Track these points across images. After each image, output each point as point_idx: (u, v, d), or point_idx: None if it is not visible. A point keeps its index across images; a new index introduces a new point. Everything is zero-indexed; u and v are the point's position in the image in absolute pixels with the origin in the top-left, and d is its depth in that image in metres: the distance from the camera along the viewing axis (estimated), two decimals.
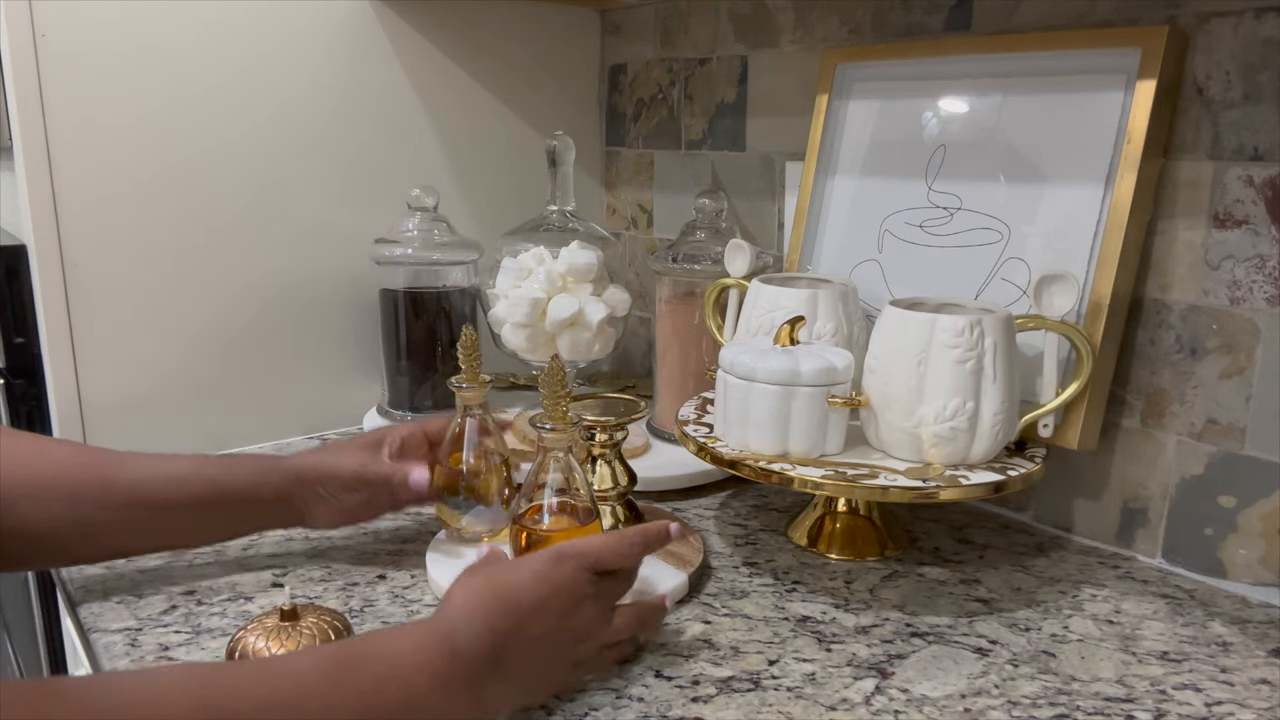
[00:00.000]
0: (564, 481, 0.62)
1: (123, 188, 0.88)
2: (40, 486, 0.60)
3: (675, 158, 1.12)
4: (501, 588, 0.51)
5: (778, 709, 0.54)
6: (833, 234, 0.89)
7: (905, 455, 0.68)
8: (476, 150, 1.11)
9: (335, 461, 0.67)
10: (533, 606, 0.51)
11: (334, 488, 0.67)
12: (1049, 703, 0.55)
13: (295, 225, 0.98)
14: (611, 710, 0.54)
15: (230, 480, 0.65)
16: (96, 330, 0.88)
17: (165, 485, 0.63)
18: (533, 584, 0.52)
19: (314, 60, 0.97)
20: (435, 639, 0.48)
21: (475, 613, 0.49)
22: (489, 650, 0.49)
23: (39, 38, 0.82)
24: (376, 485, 0.67)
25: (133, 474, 0.63)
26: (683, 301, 0.91)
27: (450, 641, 0.48)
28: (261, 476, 0.66)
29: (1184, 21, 0.68)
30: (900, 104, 0.84)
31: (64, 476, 0.61)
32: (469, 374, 0.70)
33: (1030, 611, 0.66)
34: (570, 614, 0.53)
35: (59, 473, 0.61)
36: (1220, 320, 0.69)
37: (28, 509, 0.59)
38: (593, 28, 1.19)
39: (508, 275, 0.93)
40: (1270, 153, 0.65)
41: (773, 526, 0.80)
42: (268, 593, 0.67)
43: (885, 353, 0.68)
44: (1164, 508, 0.73)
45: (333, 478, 0.67)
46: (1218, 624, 0.65)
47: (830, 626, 0.64)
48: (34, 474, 0.60)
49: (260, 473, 0.66)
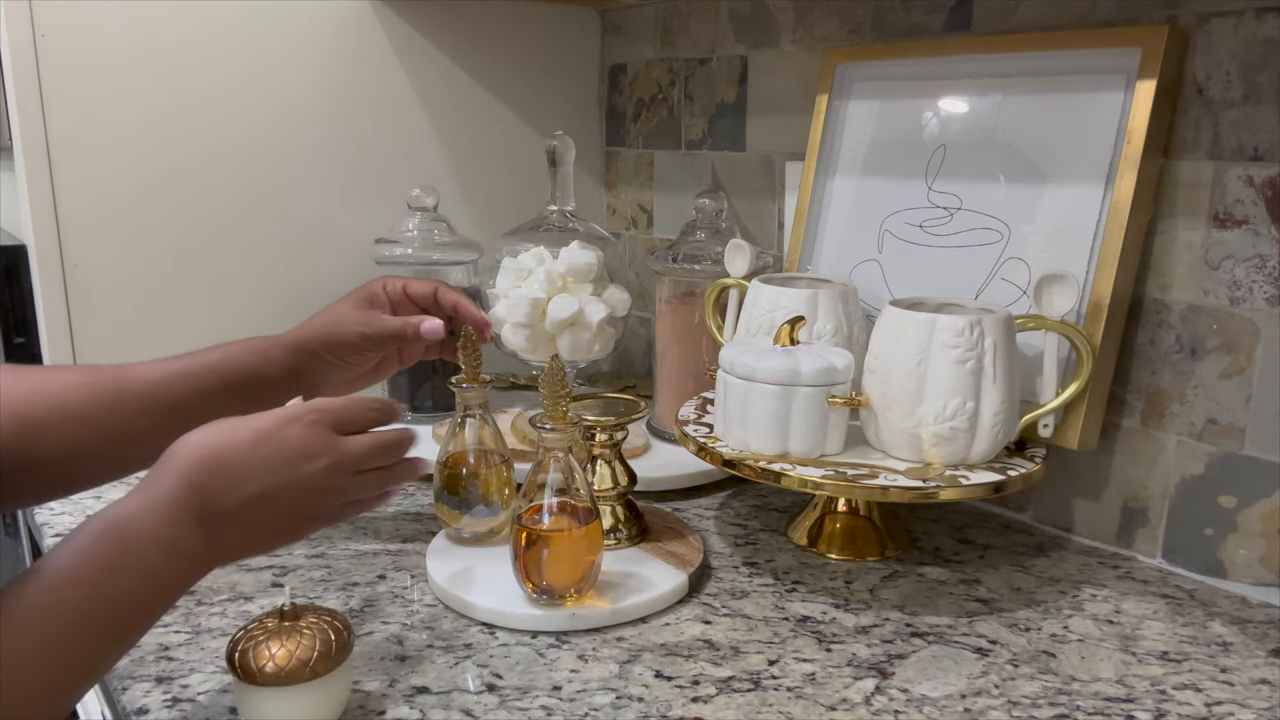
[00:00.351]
0: (564, 481, 0.62)
1: (123, 188, 0.88)
2: (48, 414, 0.59)
3: (675, 158, 1.12)
4: (215, 448, 0.51)
5: (778, 709, 0.54)
6: (833, 234, 0.89)
7: (905, 455, 0.68)
8: (476, 150, 1.11)
9: (339, 326, 0.67)
10: (246, 464, 0.51)
11: (343, 351, 0.67)
12: (1049, 703, 0.55)
13: (295, 225, 0.98)
14: (611, 710, 0.54)
15: (234, 365, 0.65)
16: (96, 330, 0.88)
17: (171, 384, 0.63)
18: (251, 442, 0.52)
19: (314, 60, 0.97)
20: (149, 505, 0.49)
21: (180, 473, 0.50)
22: (195, 510, 0.49)
23: (39, 38, 0.82)
24: (386, 343, 0.68)
25: (137, 383, 0.62)
26: (683, 301, 0.91)
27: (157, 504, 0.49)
28: (263, 355, 0.66)
29: (1184, 21, 0.68)
30: (900, 104, 0.84)
31: (69, 401, 0.60)
32: (469, 374, 0.70)
33: (1030, 611, 0.66)
34: (296, 469, 0.52)
35: (63, 399, 0.60)
36: (1220, 320, 0.69)
37: (40, 439, 0.59)
38: (593, 28, 1.19)
39: (508, 275, 0.93)
40: (1270, 153, 0.65)
41: (773, 526, 0.80)
42: (268, 593, 0.67)
43: (885, 353, 0.68)
44: (1164, 508, 0.73)
45: (341, 344, 0.67)
46: (1218, 624, 0.65)
47: (830, 626, 0.64)
48: (39, 403, 0.59)
49: (259, 352, 0.66)
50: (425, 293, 0.73)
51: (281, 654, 0.49)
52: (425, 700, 0.55)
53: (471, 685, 0.56)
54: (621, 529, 0.72)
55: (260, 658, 0.48)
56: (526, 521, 0.62)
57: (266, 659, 0.48)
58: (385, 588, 0.68)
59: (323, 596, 0.67)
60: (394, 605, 0.66)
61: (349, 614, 0.64)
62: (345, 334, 0.67)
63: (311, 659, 0.49)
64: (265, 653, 0.49)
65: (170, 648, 0.60)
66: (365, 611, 0.65)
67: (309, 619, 0.51)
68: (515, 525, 0.62)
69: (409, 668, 0.58)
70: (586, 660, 0.59)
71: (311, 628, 0.50)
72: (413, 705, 0.54)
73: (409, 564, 0.72)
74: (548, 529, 0.61)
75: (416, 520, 0.80)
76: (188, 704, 0.54)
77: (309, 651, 0.49)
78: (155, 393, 0.62)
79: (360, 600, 0.66)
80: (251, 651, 0.49)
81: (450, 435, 0.72)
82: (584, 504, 0.62)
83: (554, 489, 0.62)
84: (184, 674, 0.57)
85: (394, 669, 0.58)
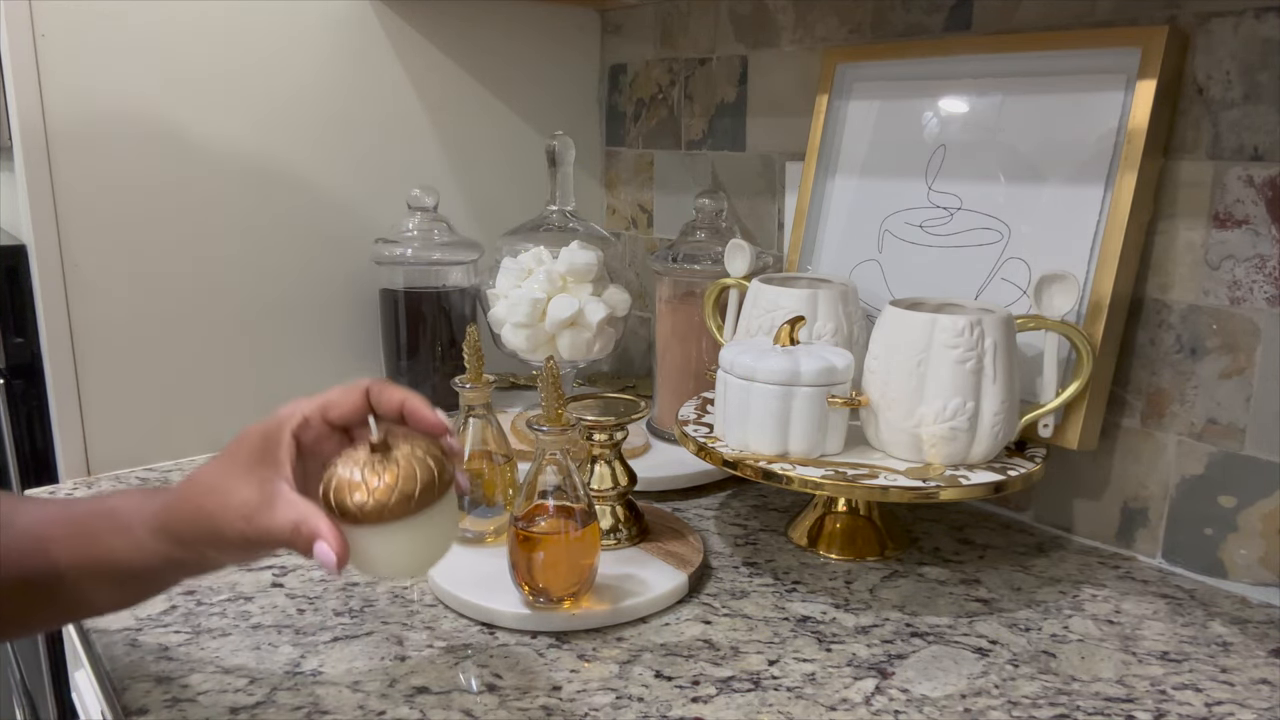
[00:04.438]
0: (561, 483, 0.62)
1: (123, 188, 0.88)
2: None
3: (675, 158, 1.12)
4: None
5: (778, 709, 0.54)
6: (833, 234, 0.89)
7: (905, 455, 0.68)
8: (476, 150, 1.11)
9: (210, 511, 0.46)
10: None
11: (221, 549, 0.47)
12: (1049, 703, 0.55)
13: (295, 225, 0.98)
14: (611, 710, 0.54)
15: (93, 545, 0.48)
16: (96, 330, 0.88)
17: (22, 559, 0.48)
18: None
19: (314, 60, 0.97)
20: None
21: None
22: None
23: (39, 38, 0.82)
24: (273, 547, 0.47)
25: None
26: (683, 301, 0.91)
27: None
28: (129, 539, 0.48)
29: (1184, 21, 0.68)
30: (900, 104, 0.84)
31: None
32: (473, 374, 0.70)
33: (1030, 611, 0.66)
34: None
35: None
36: (1220, 320, 0.69)
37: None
38: (593, 28, 1.19)
39: (508, 275, 0.93)
40: (1270, 153, 0.65)
41: (773, 526, 0.80)
42: (268, 593, 0.67)
43: (885, 353, 0.68)
44: (1164, 508, 0.73)
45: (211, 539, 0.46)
46: (1218, 624, 0.65)
47: (830, 626, 0.64)
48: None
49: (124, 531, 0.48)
50: (349, 409, 0.49)
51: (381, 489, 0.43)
52: (425, 700, 0.55)
53: (472, 685, 0.56)
54: (621, 529, 0.72)
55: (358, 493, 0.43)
56: (523, 524, 0.62)
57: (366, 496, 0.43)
58: (385, 588, 0.68)
59: (323, 596, 0.67)
60: (394, 605, 0.66)
61: (349, 614, 0.64)
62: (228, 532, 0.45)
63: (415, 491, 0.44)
64: (364, 489, 0.43)
65: (170, 648, 0.60)
66: (365, 612, 0.65)
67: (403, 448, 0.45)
68: (512, 527, 0.62)
69: (409, 668, 0.58)
70: (586, 660, 0.59)
71: (406, 457, 0.45)
72: (413, 705, 0.54)
73: None
74: (544, 532, 0.61)
75: None
76: (188, 704, 0.54)
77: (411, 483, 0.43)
78: None
79: (360, 600, 0.66)
80: (347, 488, 0.44)
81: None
82: (581, 505, 0.62)
83: (551, 490, 0.62)
84: (184, 674, 0.57)
85: (394, 669, 0.58)
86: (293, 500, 0.45)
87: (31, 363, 0.90)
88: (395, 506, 0.44)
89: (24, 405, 0.92)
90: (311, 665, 0.58)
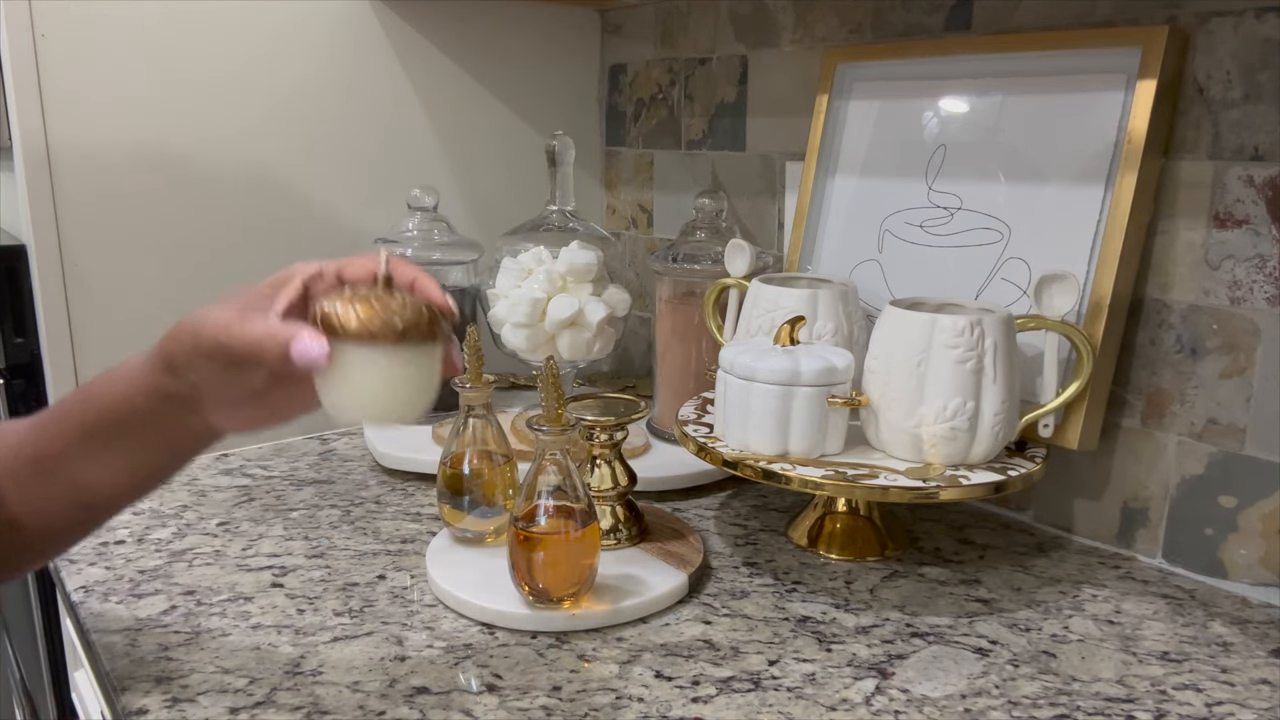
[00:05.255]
0: (561, 484, 0.62)
1: (123, 188, 0.88)
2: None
3: (675, 158, 1.12)
4: None
5: (778, 709, 0.54)
6: (833, 234, 0.89)
7: (905, 455, 0.68)
8: (476, 150, 1.11)
9: (197, 325, 0.48)
10: None
11: (203, 367, 0.48)
12: (1049, 703, 0.55)
13: (295, 225, 0.98)
14: (611, 710, 0.54)
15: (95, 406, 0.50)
16: (96, 330, 0.88)
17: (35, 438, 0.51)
18: None
19: (314, 61, 0.97)
20: None
21: None
22: None
23: (39, 38, 0.82)
24: (244, 361, 0.47)
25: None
26: (683, 301, 0.91)
27: None
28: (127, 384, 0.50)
29: (1184, 21, 0.68)
30: (900, 104, 0.84)
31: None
32: (473, 374, 0.70)
33: (1030, 612, 0.66)
34: None
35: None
36: (1220, 320, 0.69)
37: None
38: (593, 28, 1.19)
39: (508, 275, 0.93)
40: (1270, 153, 0.65)
41: (773, 526, 0.80)
42: (268, 593, 0.67)
43: (885, 353, 0.68)
44: (1164, 508, 0.73)
45: (194, 350, 0.47)
46: (1218, 624, 0.65)
47: (830, 627, 0.64)
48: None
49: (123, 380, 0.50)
50: (365, 271, 0.51)
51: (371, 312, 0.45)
52: (425, 700, 0.55)
53: (472, 685, 0.56)
54: (621, 529, 0.72)
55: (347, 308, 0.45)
56: (522, 524, 0.62)
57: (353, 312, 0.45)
58: (385, 588, 0.68)
59: (323, 596, 0.67)
60: (394, 605, 0.66)
61: (349, 614, 0.64)
62: (200, 337, 0.47)
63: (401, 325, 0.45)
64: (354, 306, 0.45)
65: (170, 648, 0.60)
66: (365, 612, 0.65)
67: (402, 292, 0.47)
68: (512, 528, 0.62)
69: (409, 668, 0.58)
70: (586, 660, 0.59)
71: (402, 298, 0.46)
72: (413, 705, 0.54)
73: (409, 564, 0.72)
74: (544, 531, 0.61)
75: (416, 520, 0.80)
76: (187, 704, 0.54)
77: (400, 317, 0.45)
78: (19, 448, 0.51)
79: (360, 600, 0.66)
80: (339, 303, 0.45)
81: (453, 435, 0.72)
82: (581, 505, 0.62)
83: (551, 490, 0.62)
84: (184, 674, 0.57)
85: (394, 669, 0.58)
86: (271, 318, 0.47)
87: (31, 363, 0.90)
88: (381, 330, 0.45)
89: (24, 405, 0.92)
90: (311, 665, 0.58)
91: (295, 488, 0.86)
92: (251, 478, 0.89)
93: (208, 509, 0.81)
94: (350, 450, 0.97)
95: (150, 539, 0.75)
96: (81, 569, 0.70)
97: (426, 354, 0.47)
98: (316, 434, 1.01)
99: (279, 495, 0.85)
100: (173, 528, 0.78)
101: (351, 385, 0.47)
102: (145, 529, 0.77)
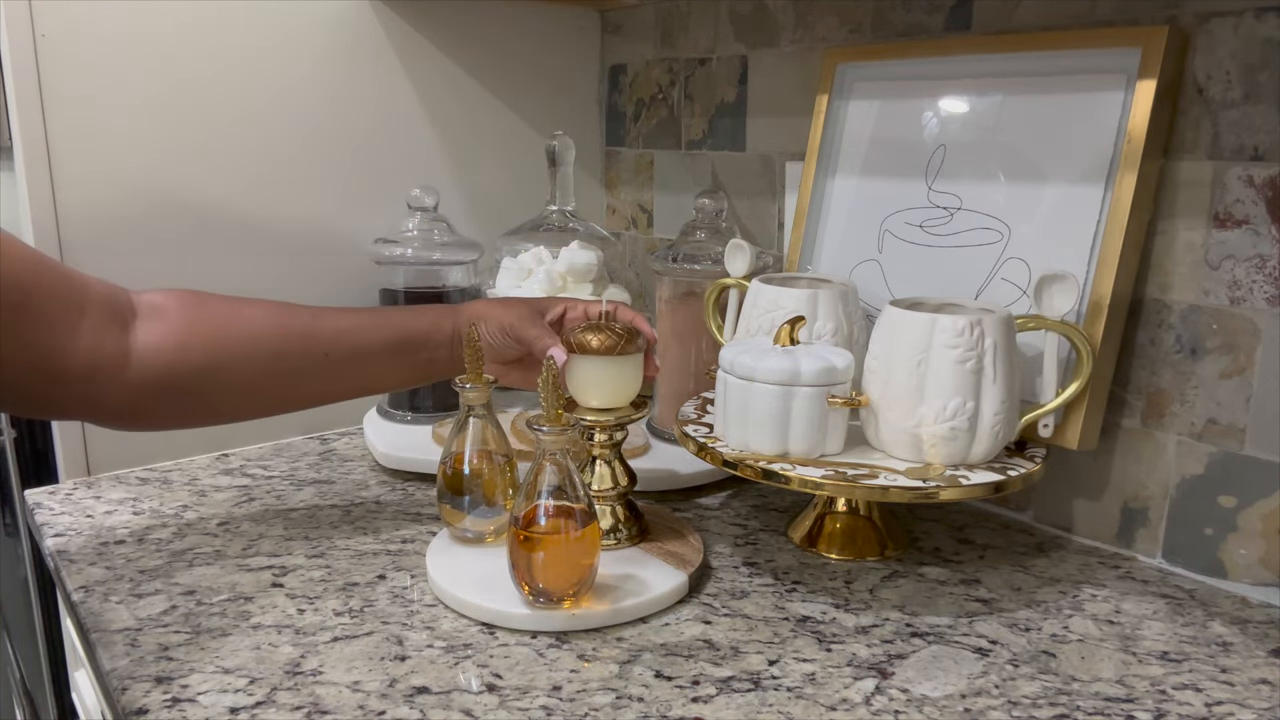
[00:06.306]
0: (561, 483, 0.62)
1: (123, 188, 0.88)
2: (240, 347, 0.66)
3: (675, 158, 1.12)
4: None
5: (778, 709, 0.54)
6: (833, 234, 0.89)
7: (905, 455, 0.68)
8: (476, 151, 1.11)
9: (498, 311, 0.73)
10: None
11: (493, 332, 0.72)
12: (1049, 703, 0.55)
13: (295, 225, 0.98)
14: (611, 710, 0.54)
15: (409, 329, 0.73)
16: None
17: (360, 333, 0.71)
18: None
19: (314, 60, 0.97)
20: None
21: None
22: None
23: (39, 38, 0.82)
24: (516, 346, 0.72)
25: (329, 326, 0.70)
26: (683, 301, 0.91)
27: None
28: (434, 325, 0.73)
29: (1184, 21, 0.68)
30: (900, 104, 0.84)
31: (261, 337, 0.67)
32: (473, 374, 0.70)
33: (1030, 611, 0.66)
34: None
35: (255, 334, 0.67)
36: (1220, 320, 0.69)
37: (228, 369, 0.66)
38: (593, 28, 1.19)
39: (508, 275, 0.93)
40: (1270, 153, 0.65)
41: (773, 526, 0.80)
42: (268, 593, 0.67)
43: (885, 353, 0.68)
44: (1164, 508, 0.73)
45: (492, 322, 0.72)
46: (1218, 624, 0.65)
47: (830, 626, 0.64)
48: (233, 335, 0.66)
49: (432, 321, 0.73)
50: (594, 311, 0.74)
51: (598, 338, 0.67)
52: (425, 700, 0.55)
53: (472, 685, 0.56)
54: (621, 529, 0.72)
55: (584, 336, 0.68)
56: (523, 524, 0.62)
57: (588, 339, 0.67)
58: (385, 588, 0.68)
59: (323, 596, 0.67)
60: (394, 605, 0.66)
61: (349, 613, 0.64)
62: (500, 318, 0.72)
63: (617, 345, 0.67)
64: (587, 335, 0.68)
65: (170, 648, 0.60)
66: (365, 612, 0.65)
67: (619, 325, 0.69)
68: (512, 528, 0.62)
69: (409, 668, 0.58)
70: (586, 660, 0.59)
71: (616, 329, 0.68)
72: (413, 705, 0.54)
73: (409, 564, 0.72)
74: (544, 531, 0.61)
75: (416, 520, 0.80)
76: (188, 704, 0.54)
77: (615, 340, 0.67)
78: (348, 338, 0.70)
79: (360, 600, 0.66)
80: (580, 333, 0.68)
81: (453, 435, 0.72)
82: (581, 505, 0.62)
83: (551, 491, 0.62)
84: (184, 674, 0.57)
85: (394, 669, 0.58)
86: (545, 327, 0.72)
87: None
88: (602, 348, 0.67)
89: None
90: (311, 665, 0.58)
91: (295, 488, 0.86)
92: (251, 478, 0.89)
93: (208, 509, 0.81)
94: (350, 450, 0.97)
95: (150, 539, 0.75)
96: (81, 569, 0.70)
97: (630, 362, 0.69)
98: (317, 434, 1.01)
99: (279, 495, 0.85)
100: (173, 528, 0.78)
101: (586, 379, 0.69)
102: (145, 529, 0.77)
